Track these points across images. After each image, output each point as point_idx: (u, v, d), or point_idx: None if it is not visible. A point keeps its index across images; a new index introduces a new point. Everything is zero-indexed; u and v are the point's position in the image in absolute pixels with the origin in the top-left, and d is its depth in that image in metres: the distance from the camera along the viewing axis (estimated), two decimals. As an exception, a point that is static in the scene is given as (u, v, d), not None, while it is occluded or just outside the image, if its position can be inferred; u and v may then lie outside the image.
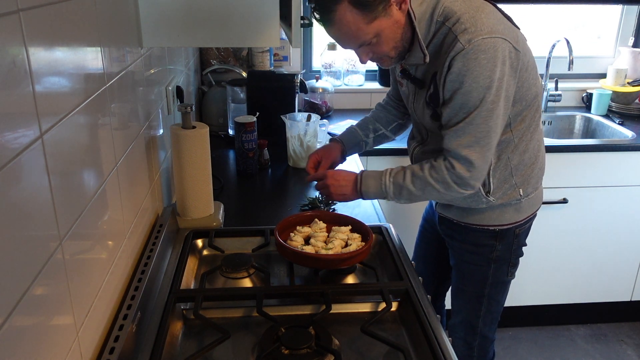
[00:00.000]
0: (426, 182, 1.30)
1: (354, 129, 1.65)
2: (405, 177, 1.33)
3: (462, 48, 1.16)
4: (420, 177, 1.31)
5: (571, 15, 2.91)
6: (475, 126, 1.22)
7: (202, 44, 1.31)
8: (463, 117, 1.23)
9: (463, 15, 1.19)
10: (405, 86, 1.43)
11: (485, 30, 1.17)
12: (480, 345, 1.61)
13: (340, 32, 1.23)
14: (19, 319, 0.61)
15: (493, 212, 1.42)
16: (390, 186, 1.35)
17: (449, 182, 1.28)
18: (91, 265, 0.88)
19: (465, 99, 1.20)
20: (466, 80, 1.18)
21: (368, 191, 1.39)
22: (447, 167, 1.27)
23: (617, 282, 2.56)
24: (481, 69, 1.17)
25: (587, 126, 2.74)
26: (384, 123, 1.64)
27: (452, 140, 1.25)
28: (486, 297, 1.53)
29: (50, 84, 0.73)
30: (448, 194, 1.30)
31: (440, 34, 1.23)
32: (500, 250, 1.47)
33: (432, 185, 1.30)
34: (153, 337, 0.99)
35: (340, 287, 1.21)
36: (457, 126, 1.24)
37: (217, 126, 2.31)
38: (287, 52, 2.67)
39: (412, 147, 1.51)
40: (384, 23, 1.20)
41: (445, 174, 1.27)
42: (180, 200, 1.43)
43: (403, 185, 1.33)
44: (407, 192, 1.33)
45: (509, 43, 1.19)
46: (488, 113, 1.21)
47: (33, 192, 0.67)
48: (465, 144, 1.24)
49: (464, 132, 1.23)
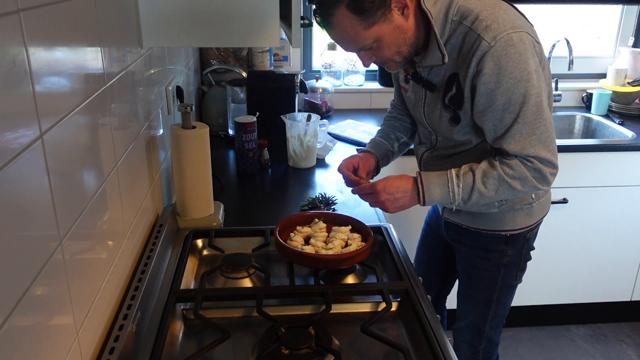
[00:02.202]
0: (501, 180, 1.21)
1: (379, 140, 1.56)
2: (475, 179, 1.23)
3: (489, 46, 1.12)
4: (493, 176, 1.22)
5: (571, 15, 2.91)
6: (530, 124, 1.16)
7: (202, 44, 1.31)
8: (513, 118, 1.16)
9: (481, 13, 1.14)
10: (410, 91, 1.39)
11: (508, 25, 1.13)
12: (486, 348, 1.60)
13: (339, 36, 1.21)
14: (19, 319, 0.61)
15: (504, 216, 1.38)
16: (459, 192, 1.24)
17: (527, 177, 1.20)
18: (91, 265, 0.88)
19: (507, 98, 1.15)
20: (502, 78, 1.13)
21: (432, 200, 1.28)
22: (524, 162, 1.20)
23: (617, 282, 2.56)
24: (514, 63, 1.12)
25: (587, 126, 2.74)
26: (403, 131, 1.57)
27: (512, 144, 1.18)
28: (494, 301, 1.50)
29: (50, 84, 0.73)
30: (524, 190, 1.23)
31: (459, 33, 1.17)
32: (510, 255, 1.44)
33: (507, 183, 1.21)
34: (153, 337, 0.99)
35: (340, 287, 1.20)
36: (512, 129, 1.17)
37: (217, 126, 2.31)
38: (287, 52, 2.67)
39: (420, 152, 1.47)
40: (384, 28, 1.17)
41: (523, 169, 1.20)
42: (180, 200, 1.43)
43: (475, 187, 1.23)
44: (478, 195, 1.23)
45: (531, 37, 1.16)
46: (537, 107, 1.15)
47: (33, 192, 0.67)
48: (529, 144, 1.17)
49: (521, 133, 1.17)
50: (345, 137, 2.30)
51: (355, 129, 2.39)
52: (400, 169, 2.07)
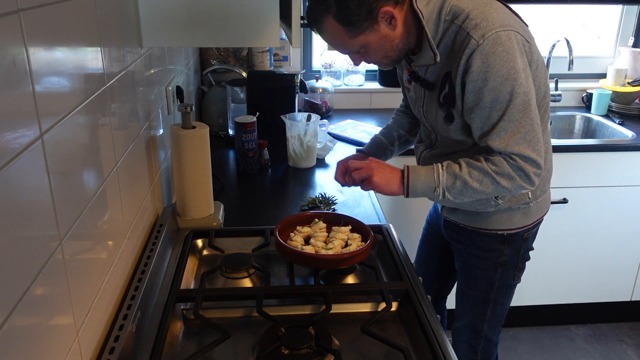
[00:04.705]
0: (486, 172, 1.22)
1: (379, 138, 1.61)
2: (461, 167, 1.24)
3: (477, 44, 1.13)
4: (478, 168, 1.22)
5: (571, 15, 2.91)
6: (516, 122, 1.17)
7: (202, 44, 1.31)
8: (499, 116, 1.17)
9: (472, 12, 1.16)
10: (412, 90, 1.40)
11: (497, 23, 1.14)
12: (484, 348, 1.60)
13: (329, 41, 1.27)
14: (19, 319, 0.61)
15: (501, 216, 1.39)
16: (443, 175, 1.24)
17: (511, 174, 1.20)
18: (91, 265, 0.88)
19: (494, 95, 1.16)
20: (489, 75, 1.14)
21: (416, 184, 1.27)
22: (507, 160, 1.21)
23: (617, 282, 2.56)
24: (501, 61, 1.13)
25: (587, 126, 2.74)
26: (406, 128, 1.61)
27: (497, 141, 1.19)
28: (492, 301, 1.51)
29: (50, 84, 0.73)
30: (509, 188, 1.23)
31: (451, 32, 1.19)
32: (507, 255, 1.44)
33: (492, 177, 1.21)
34: (153, 337, 0.99)
35: (340, 287, 1.20)
36: (497, 127, 1.18)
37: (217, 126, 2.31)
38: (287, 52, 2.67)
39: (419, 151, 1.48)
40: (370, 37, 1.21)
41: (506, 165, 1.20)
42: (180, 200, 1.43)
43: (459, 175, 1.23)
44: (462, 183, 1.23)
45: (521, 36, 1.17)
46: (524, 106, 1.16)
47: (33, 192, 0.67)
48: (513, 142, 1.18)
49: (506, 130, 1.18)
50: (345, 137, 2.30)
51: (355, 129, 2.40)
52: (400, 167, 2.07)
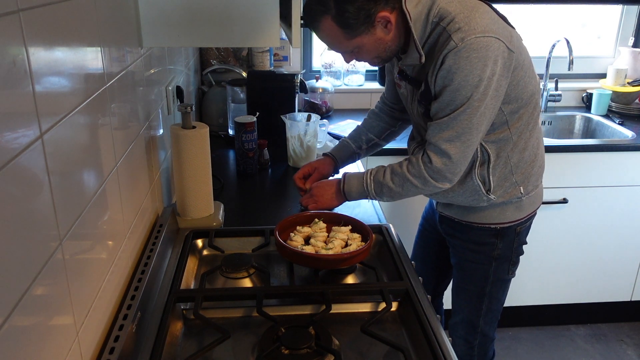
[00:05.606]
0: (404, 178, 1.34)
1: (346, 142, 1.69)
2: (385, 174, 1.38)
3: (455, 46, 1.19)
4: (398, 174, 1.36)
5: (571, 15, 2.91)
6: (458, 122, 1.25)
7: (202, 44, 1.31)
8: (449, 113, 1.25)
9: (457, 15, 1.21)
10: (403, 88, 1.44)
11: (478, 29, 1.19)
12: (481, 344, 1.62)
13: (324, 39, 1.33)
14: (19, 319, 0.61)
15: (494, 210, 1.43)
16: (371, 184, 1.40)
17: (425, 177, 1.31)
18: (91, 265, 0.88)
19: (453, 96, 1.23)
20: (456, 77, 1.20)
21: (351, 191, 1.44)
22: (425, 162, 1.31)
23: (617, 282, 2.56)
24: (472, 67, 1.19)
25: (587, 126, 2.74)
26: (376, 132, 1.67)
27: (435, 133, 1.29)
28: (487, 295, 1.54)
29: (50, 84, 0.73)
30: (426, 189, 1.34)
31: (435, 33, 1.25)
32: (501, 249, 1.48)
33: (410, 181, 1.34)
34: (153, 337, 0.99)
35: (340, 287, 1.21)
36: (442, 120, 1.27)
37: (217, 126, 2.31)
38: (287, 52, 2.67)
39: (412, 148, 1.52)
40: (365, 40, 1.27)
41: (422, 169, 1.31)
42: (180, 200, 1.43)
43: (383, 182, 1.38)
44: (388, 190, 1.38)
45: (502, 42, 1.20)
46: (473, 110, 1.23)
47: (33, 192, 0.67)
48: (446, 137, 1.27)
49: (447, 126, 1.26)
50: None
51: (355, 129, 2.39)
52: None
